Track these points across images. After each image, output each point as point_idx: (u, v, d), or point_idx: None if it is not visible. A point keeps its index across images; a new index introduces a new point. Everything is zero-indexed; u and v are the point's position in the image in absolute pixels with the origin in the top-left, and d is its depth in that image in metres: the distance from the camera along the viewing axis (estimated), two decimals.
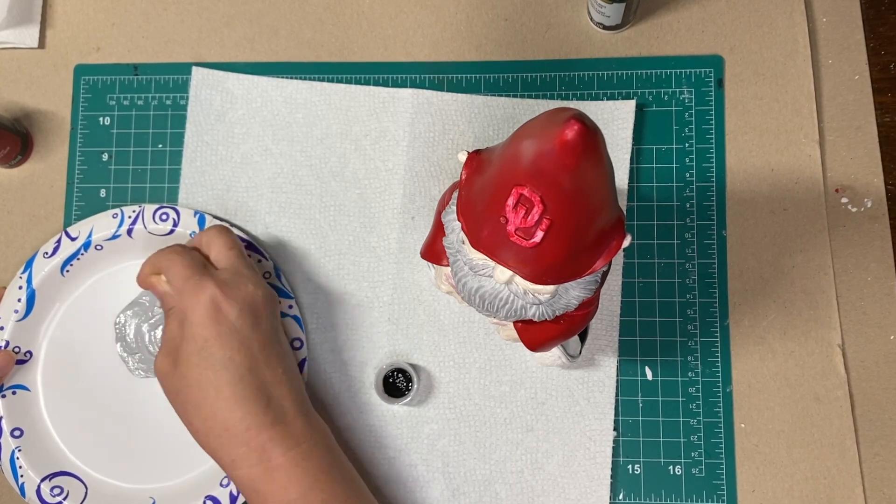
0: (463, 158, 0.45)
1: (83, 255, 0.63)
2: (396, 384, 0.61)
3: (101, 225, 0.63)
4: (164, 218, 0.63)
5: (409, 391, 0.60)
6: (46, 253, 0.63)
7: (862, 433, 0.60)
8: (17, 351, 0.62)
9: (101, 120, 0.67)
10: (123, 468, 0.62)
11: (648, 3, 0.65)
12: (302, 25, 0.67)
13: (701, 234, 0.62)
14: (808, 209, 0.62)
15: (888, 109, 0.63)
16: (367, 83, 0.65)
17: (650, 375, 0.61)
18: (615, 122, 0.63)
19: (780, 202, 0.62)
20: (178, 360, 0.52)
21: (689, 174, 0.63)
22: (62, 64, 0.68)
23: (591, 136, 0.39)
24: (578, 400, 0.61)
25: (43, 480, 0.60)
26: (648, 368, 0.61)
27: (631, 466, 0.61)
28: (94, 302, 0.64)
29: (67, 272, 0.63)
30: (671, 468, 0.60)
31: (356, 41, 0.66)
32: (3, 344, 0.62)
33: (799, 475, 0.60)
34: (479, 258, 0.44)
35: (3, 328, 0.62)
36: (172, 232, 0.63)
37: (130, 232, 0.63)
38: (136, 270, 0.63)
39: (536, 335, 0.50)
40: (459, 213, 0.45)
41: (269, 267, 0.62)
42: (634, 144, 0.63)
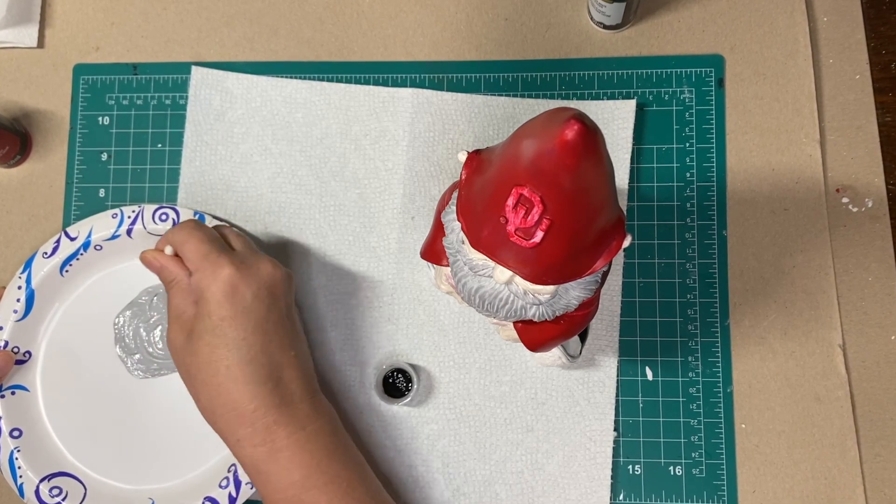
0: (463, 158, 0.45)
1: (82, 255, 0.63)
2: (396, 384, 0.61)
3: (100, 225, 0.63)
4: (163, 218, 0.63)
5: (408, 391, 0.60)
6: (46, 253, 0.63)
7: (863, 433, 0.60)
8: (16, 351, 0.62)
9: (100, 119, 0.67)
10: (122, 469, 0.62)
11: (649, 2, 0.65)
12: (301, 25, 0.67)
13: (701, 233, 0.62)
14: (808, 209, 0.62)
15: (889, 109, 0.63)
16: (366, 83, 0.65)
17: (650, 376, 0.61)
18: (615, 121, 0.63)
19: (780, 202, 0.62)
20: (191, 335, 0.53)
21: (689, 174, 0.63)
22: (61, 63, 0.68)
23: (591, 135, 0.39)
24: (579, 400, 0.61)
25: (42, 481, 0.60)
26: (649, 369, 0.61)
27: (631, 467, 0.61)
28: (93, 302, 0.64)
29: (67, 272, 0.63)
30: (672, 469, 0.60)
31: (356, 41, 0.66)
32: (2, 344, 0.62)
33: (800, 476, 0.60)
34: (478, 258, 0.44)
35: (2, 328, 0.62)
36: None
37: (130, 232, 0.63)
38: (135, 271, 0.64)
39: (536, 335, 0.50)
40: (459, 213, 0.45)
41: None
42: (635, 144, 0.63)
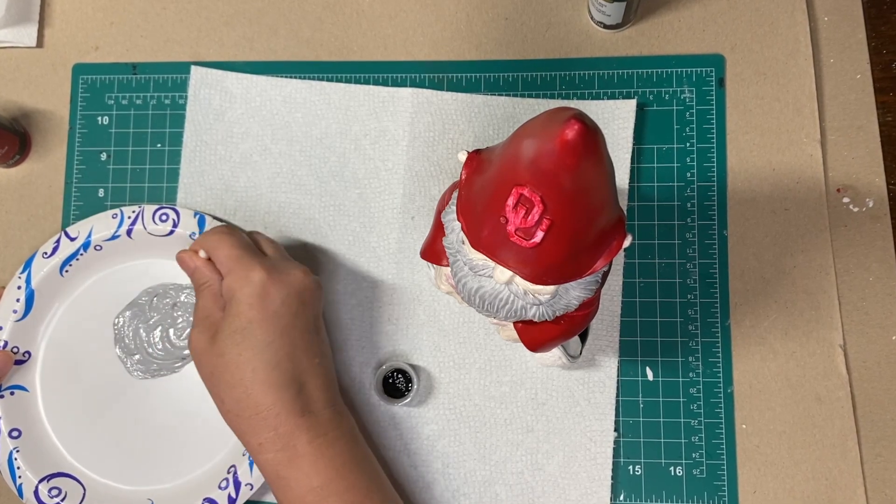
0: (463, 158, 0.45)
1: (82, 255, 0.63)
2: (396, 385, 0.61)
3: (100, 225, 0.63)
4: (163, 218, 0.63)
5: (408, 392, 0.60)
6: (45, 253, 0.62)
7: (864, 434, 0.60)
8: (15, 351, 0.62)
9: (99, 119, 0.67)
10: (122, 469, 0.62)
11: (649, 2, 0.65)
12: (301, 24, 0.67)
13: (702, 233, 0.62)
14: (809, 209, 0.62)
15: (890, 109, 0.63)
16: (366, 82, 0.65)
17: (651, 376, 0.61)
18: (616, 121, 0.63)
19: (781, 202, 0.62)
20: (216, 336, 0.53)
21: (690, 174, 0.63)
22: (60, 63, 0.68)
23: (591, 135, 0.39)
24: (579, 400, 0.61)
25: (41, 481, 0.60)
26: (649, 369, 0.61)
27: (632, 467, 0.60)
28: (93, 303, 0.63)
29: (66, 272, 0.63)
30: (672, 469, 0.60)
31: (356, 40, 0.66)
32: (1, 344, 0.62)
33: (800, 476, 0.59)
34: (479, 258, 0.44)
35: (1, 328, 0.62)
36: (172, 233, 0.62)
37: (130, 232, 0.63)
38: (135, 271, 0.64)
39: (537, 336, 0.50)
40: (459, 213, 0.45)
41: None
42: (635, 144, 0.63)
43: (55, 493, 0.60)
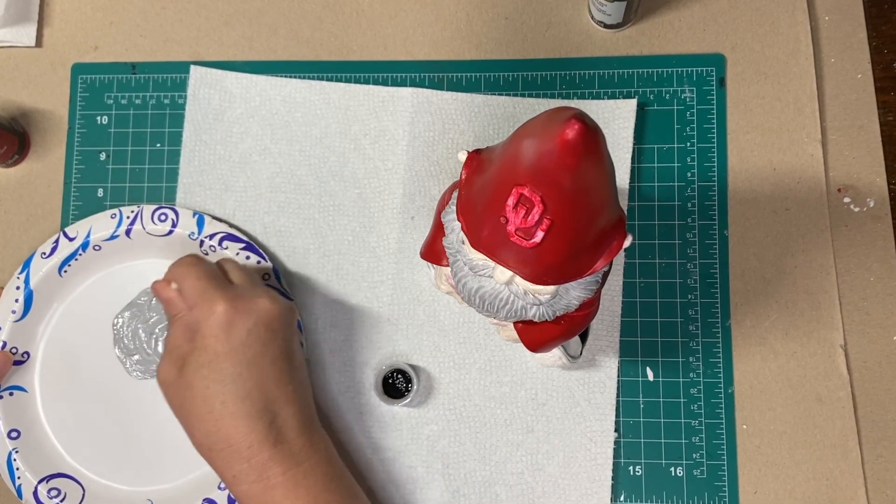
0: (463, 158, 0.45)
1: (81, 255, 0.63)
2: (396, 385, 0.61)
3: (99, 225, 0.63)
4: (162, 218, 0.63)
5: (408, 392, 0.60)
6: (44, 253, 0.62)
7: (864, 434, 0.60)
8: (14, 352, 0.62)
9: (98, 119, 0.67)
10: (121, 470, 0.62)
11: (650, 1, 0.65)
12: (301, 24, 0.67)
13: (702, 233, 0.62)
14: (810, 209, 0.62)
15: (891, 108, 0.63)
16: (366, 82, 0.65)
17: (651, 376, 0.61)
18: (616, 121, 0.63)
19: (782, 202, 0.62)
20: (184, 369, 0.52)
21: (690, 174, 0.63)
22: (60, 63, 0.68)
23: (591, 135, 0.39)
24: (579, 401, 0.61)
25: (40, 482, 0.60)
26: (650, 369, 0.61)
27: (632, 468, 0.60)
28: (92, 303, 0.63)
29: (65, 273, 0.63)
30: (673, 469, 0.60)
31: (355, 40, 0.66)
32: (0, 345, 0.62)
33: (801, 476, 0.59)
34: (479, 258, 0.44)
35: (0, 329, 0.62)
36: (171, 233, 0.62)
37: (129, 232, 0.62)
38: (134, 271, 0.64)
39: (537, 336, 0.50)
40: (459, 213, 0.44)
41: (267, 268, 0.62)
42: (635, 144, 0.63)
43: (54, 493, 0.60)
